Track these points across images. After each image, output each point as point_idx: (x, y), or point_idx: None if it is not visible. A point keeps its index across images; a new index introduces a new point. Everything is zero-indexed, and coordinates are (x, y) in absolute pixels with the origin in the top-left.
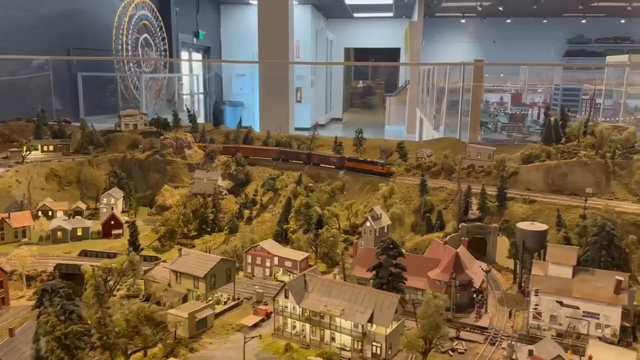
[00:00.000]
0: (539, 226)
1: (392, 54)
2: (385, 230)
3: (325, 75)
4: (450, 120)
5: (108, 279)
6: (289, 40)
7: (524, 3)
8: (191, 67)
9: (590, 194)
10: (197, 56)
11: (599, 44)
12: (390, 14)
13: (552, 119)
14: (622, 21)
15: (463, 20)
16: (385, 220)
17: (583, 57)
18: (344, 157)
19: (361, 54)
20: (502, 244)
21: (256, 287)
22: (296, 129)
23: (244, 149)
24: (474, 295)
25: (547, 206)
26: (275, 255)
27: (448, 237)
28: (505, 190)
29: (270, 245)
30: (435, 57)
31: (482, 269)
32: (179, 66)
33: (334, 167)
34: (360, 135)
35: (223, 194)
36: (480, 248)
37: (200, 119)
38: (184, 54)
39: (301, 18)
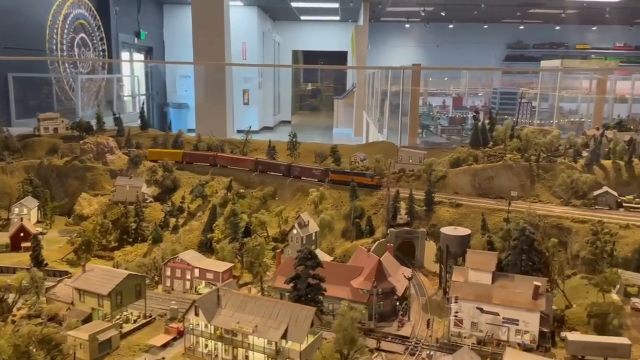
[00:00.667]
0: (462, 231)
1: (340, 57)
2: (313, 238)
3: (273, 78)
4: (393, 123)
5: (5, 297)
6: (225, 41)
7: (465, 9)
8: (132, 67)
9: (514, 197)
10: (138, 57)
11: (536, 49)
12: (337, 18)
13: (480, 122)
14: (557, 28)
15: (408, 25)
16: (313, 227)
17: (522, 61)
18: (328, 170)
19: (310, 56)
20: (430, 248)
21: (172, 302)
22: (244, 132)
23: (222, 158)
24: (397, 303)
25: (473, 210)
26: (196, 267)
27: (376, 243)
28: (433, 194)
29: (191, 256)
30: (381, 61)
31: (404, 275)
32: (119, 67)
33: (316, 180)
34: (294, 139)
35: (147, 201)
36: (410, 252)
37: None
38: (125, 55)
39: (247, 19)
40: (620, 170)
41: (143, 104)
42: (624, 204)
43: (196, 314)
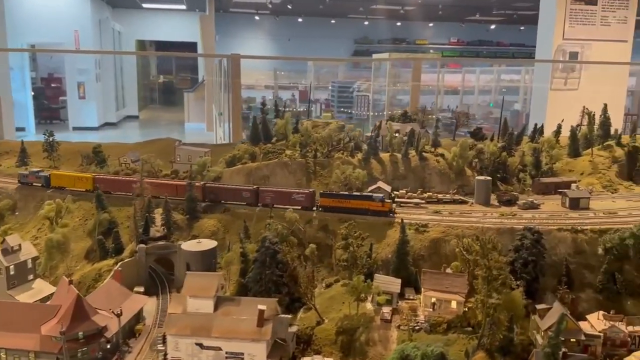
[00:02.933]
0: (206, 244)
1: (190, 48)
2: (30, 266)
3: (115, 69)
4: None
5: None
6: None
7: (311, 3)
8: None
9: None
10: None
11: (380, 44)
12: (183, 7)
13: (262, 116)
14: (398, 24)
15: (257, 17)
16: (30, 252)
17: (369, 56)
18: (312, 192)
19: (161, 47)
20: None
21: None
22: (81, 128)
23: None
24: (119, 344)
25: (242, 216)
26: None
27: (119, 264)
28: (197, 200)
29: None
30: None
31: (113, 313)
32: None
33: (299, 207)
34: (51, 139)
35: None
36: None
37: None
38: None
39: (79, 5)
40: (397, 163)
41: None
42: (395, 199)
43: None
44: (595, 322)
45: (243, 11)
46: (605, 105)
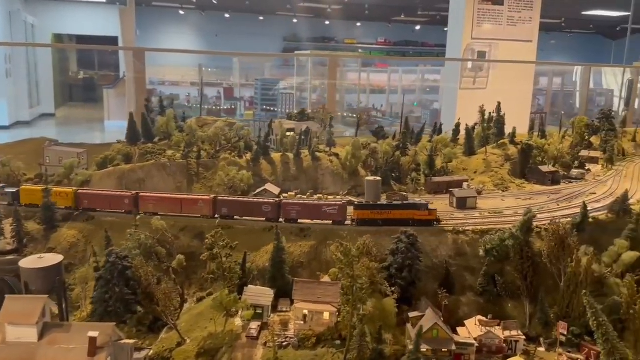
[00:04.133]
0: (49, 259)
1: (111, 42)
2: None
3: (28, 64)
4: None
5: None
6: None
7: None
8: None
9: None
10: None
11: (310, 42)
12: (103, 0)
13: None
14: (327, 22)
15: (182, 12)
16: None
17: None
18: (345, 204)
19: (81, 42)
20: None
21: None
22: None
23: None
24: None
25: (107, 225)
26: None
27: None
28: (53, 207)
29: None
30: (153, 47)
31: None
32: None
33: (330, 222)
34: None
35: None
36: None
37: None
38: None
39: None
40: (288, 163)
41: None
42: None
43: None
44: (473, 328)
45: (167, 5)
46: (499, 103)
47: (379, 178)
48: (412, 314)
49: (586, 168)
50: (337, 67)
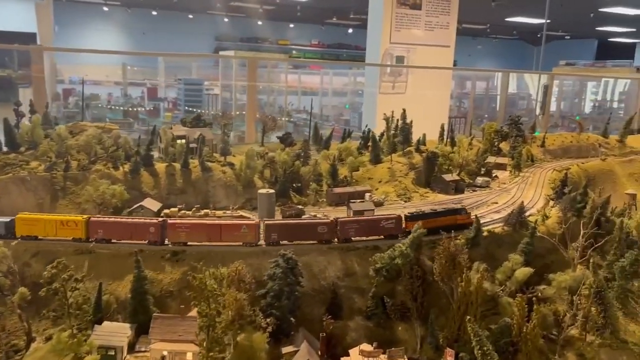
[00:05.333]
0: None
1: (28, 39)
2: None
3: None
4: None
5: None
6: None
7: None
8: None
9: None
10: None
11: (243, 42)
12: None
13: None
14: (260, 23)
15: (106, 9)
16: None
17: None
18: (400, 217)
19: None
20: None
21: None
22: None
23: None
24: None
25: None
26: None
27: None
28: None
29: None
30: (74, 46)
31: None
32: None
33: (385, 236)
34: None
35: None
36: None
37: None
38: None
39: None
40: (174, 175)
41: None
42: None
43: None
44: (357, 359)
45: (89, 1)
46: (404, 110)
47: (272, 191)
48: (285, 349)
49: (493, 175)
50: (265, 68)
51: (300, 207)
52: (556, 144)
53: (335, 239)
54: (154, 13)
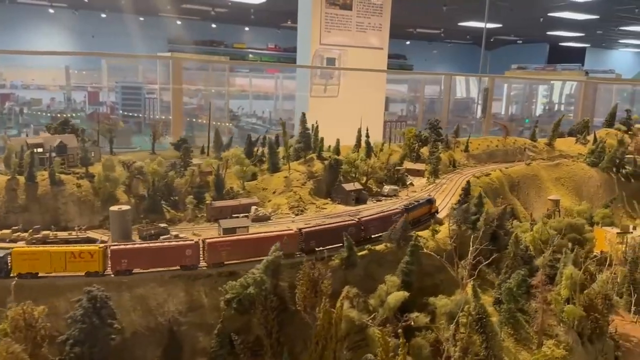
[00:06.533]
0: None
1: None
2: None
3: None
4: None
5: None
6: None
7: None
8: None
9: None
10: None
11: (197, 46)
12: None
13: None
14: (214, 26)
15: (52, 10)
16: None
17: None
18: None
19: None
20: None
21: None
22: None
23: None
24: None
25: None
26: None
27: None
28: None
29: None
30: (20, 49)
31: None
32: None
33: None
34: None
35: None
36: None
37: None
38: None
39: None
40: (15, 190)
41: None
42: None
43: None
44: None
45: (33, 3)
46: (303, 114)
47: (126, 207)
48: None
49: (408, 183)
50: (181, 70)
51: (163, 225)
52: (481, 148)
53: (205, 264)
54: (103, 15)
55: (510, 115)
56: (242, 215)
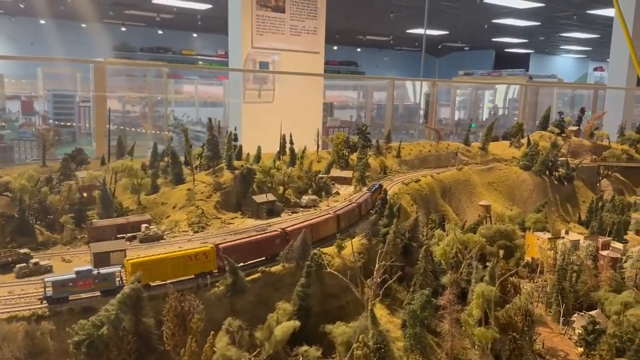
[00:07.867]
0: None
1: None
2: None
3: None
4: None
5: None
6: None
7: (48, 3)
8: None
9: None
10: None
11: (143, 52)
12: None
13: None
14: (160, 32)
15: None
16: None
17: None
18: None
19: None
20: None
21: None
22: None
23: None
24: None
25: None
26: None
27: None
28: None
29: None
30: None
31: None
32: None
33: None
34: None
35: None
36: None
37: None
38: None
39: None
40: None
41: None
42: None
43: None
44: None
45: None
46: (210, 119)
47: None
48: None
49: (334, 191)
50: (104, 76)
51: (24, 251)
52: (413, 153)
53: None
54: (42, 22)
55: (458, 120)
56: (129, 235)
